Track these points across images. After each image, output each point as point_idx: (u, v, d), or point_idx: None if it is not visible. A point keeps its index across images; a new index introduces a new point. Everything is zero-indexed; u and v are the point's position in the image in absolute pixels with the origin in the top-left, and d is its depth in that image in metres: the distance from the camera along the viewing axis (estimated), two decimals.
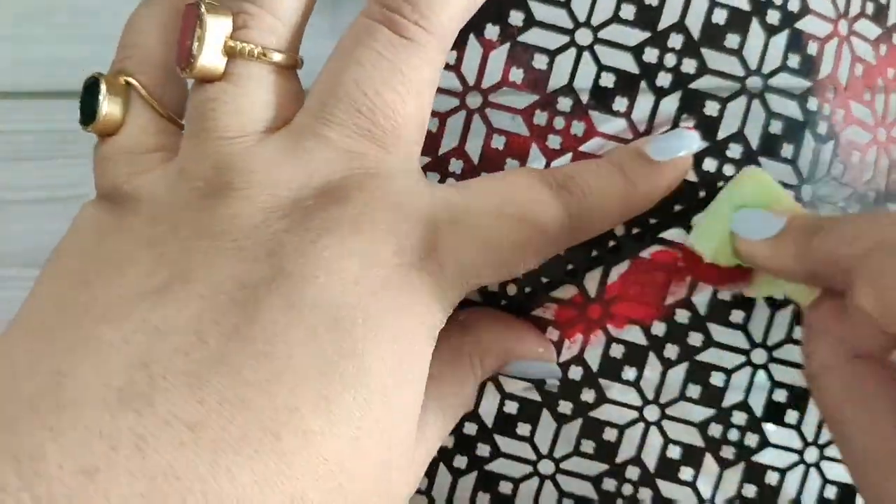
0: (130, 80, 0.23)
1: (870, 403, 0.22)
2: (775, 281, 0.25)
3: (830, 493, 0.28)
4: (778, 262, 0.23)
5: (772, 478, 0.28)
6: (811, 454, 0.28)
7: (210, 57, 0.22)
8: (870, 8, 0.26)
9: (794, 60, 0.25)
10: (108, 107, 0.23)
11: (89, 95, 0.23)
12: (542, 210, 0.22)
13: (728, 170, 0.25)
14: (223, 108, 0.22)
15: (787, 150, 0.25)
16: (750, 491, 0.28)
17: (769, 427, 0.27)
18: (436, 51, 0.22)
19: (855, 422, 0.22)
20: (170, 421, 0.18)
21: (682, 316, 0.26)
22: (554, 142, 0.25)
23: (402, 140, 0.22)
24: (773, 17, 0.25)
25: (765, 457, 0.28)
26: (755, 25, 0.25)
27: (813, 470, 0.28)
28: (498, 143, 0.25)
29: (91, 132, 0.24)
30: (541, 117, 0.25)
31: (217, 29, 0.22)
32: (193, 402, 0.18)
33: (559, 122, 0.25)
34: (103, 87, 0.23)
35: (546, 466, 0.27)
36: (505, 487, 0.27)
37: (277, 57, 0.22)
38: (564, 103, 0.25)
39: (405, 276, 0.21)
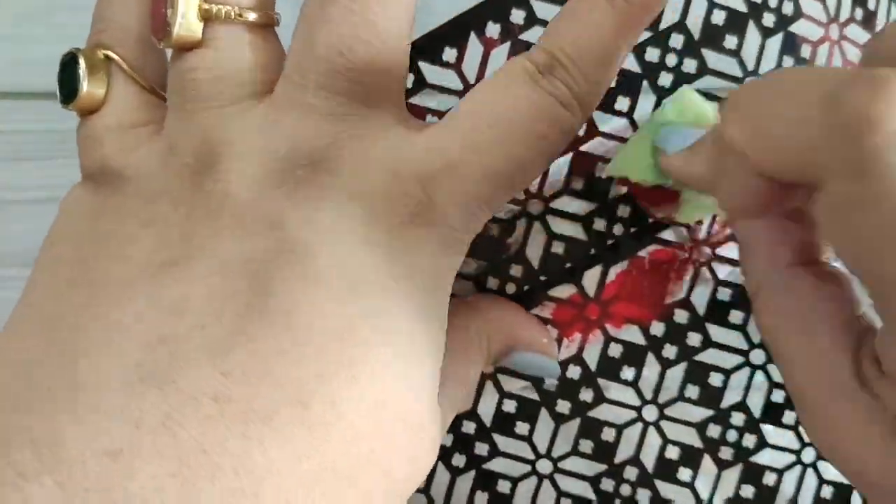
0: (110, 53, 0.22)
1: (808, 322, 0.20)
2: (701, 202, 0.24)
3: (827, 493, 0.28)
4: (693, 169, 0.21)
5: (769, 478, 0.27)
6: (808, 454, 0.28)
7: (186, 23, 0.21)
8: (859, 14, 0.26)
9: (788, 63, 0.25)
10: (90, 83, 0.22)
11: (68, 72, 0.22)
12: (537, 114, 0.20)
13: None
14: (205, 76, 0.21)
15: None
16: (748, 491, 0.28)
17: (767, 428, 0.27)
18: None
19: (795, 344, 0.20)
20: (195, 396, 0.17)
21: (681, 316, 0.26)
22: None
23: (384, 93, 0.21)
24: (769, 19, 0.25)
25: (763, 457, 0.27)
26: (752, 27, 0.24)
27: (810, 470, 0.28)
28: None
29: (72, 110, 0.23)
30: None
31: None
32: (217, 376, 0.18)
33: None
34: (82, 63, 0.22)
35: (544, 466, 0.27)
36: (503, 486, 0.27)
37: (253, 16, 0.21)
38: None
39: (409, 233, 0.20)
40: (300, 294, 0.19)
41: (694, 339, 0.26)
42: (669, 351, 0.26)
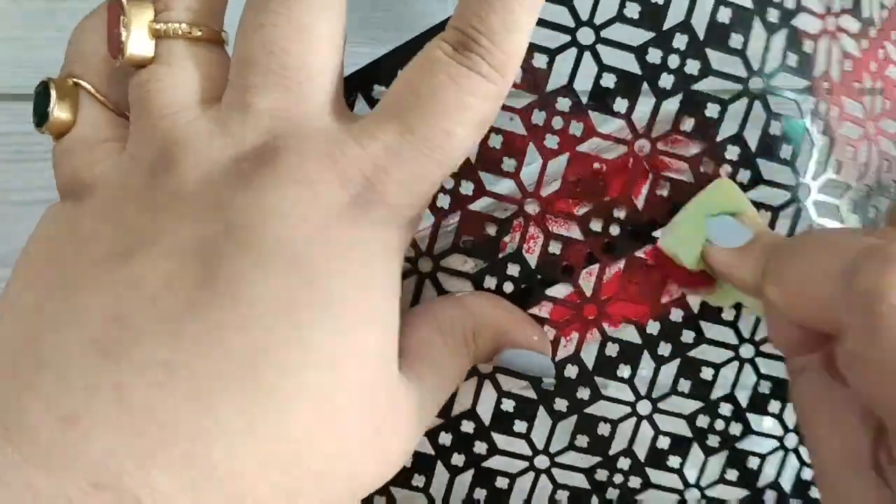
0: (78, 80, 0.22)
1: (838, 409, 0.21)
2: (736, 291, 0.22)
3: (807, 475, 0.26)
4: (739, 274, 0.21)
5: (753, 462, 0.26)
6: (790, 440, 0.26)
7: (138, 42, 0.21)
8: (849, 2, 0.23)
9: (792, 59, 0.22)
10: (60, 107, 0.22)
11: (40, 99, 0.22)
12: (458, 88, 0.19)
13: (724, 171, 0.22)
14: (157, 88, 0.21)
15: (785, 150, 0.22)
16: (732, 475, 0.26)
17: (753, 417, 0.25)
18: None
19: (824, 425, 0.21)
20: (147, 364, 0.17)
21: (677, 314, 0.23)
22: (552, 141, 0.22)
23: (319, 87, 0.20)
24: (773, 14, 0.22)
25: (747, 444, 0.25)
26: (757, 24, 0.21)
27: (791, 454, 0.26)
28: (495, 141, 0.22)
29: (45, 133, 0.22)
30: (539, 117, 0.21)
31: (139, 14, 0.21)
32: (169, 346, 0.17)
33: (557, 122, 0.22)
34: (53, 91, 0.22)
35: (541, 461, 0.24)
36: (501, 482, 0.24)
37: (199, 32, 0.21)
38: (563, 103, 0.21)
39: (350, 212, 0.19)
40: (246, 267, 0.18)
41: (688, 336, 0.24)
42: (664, 348, 0.24)
